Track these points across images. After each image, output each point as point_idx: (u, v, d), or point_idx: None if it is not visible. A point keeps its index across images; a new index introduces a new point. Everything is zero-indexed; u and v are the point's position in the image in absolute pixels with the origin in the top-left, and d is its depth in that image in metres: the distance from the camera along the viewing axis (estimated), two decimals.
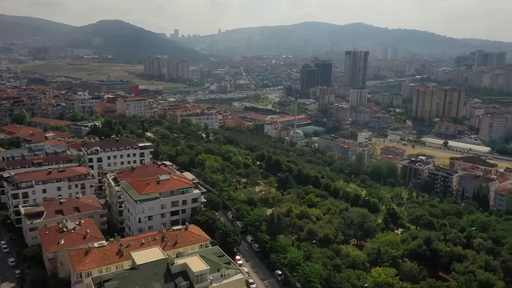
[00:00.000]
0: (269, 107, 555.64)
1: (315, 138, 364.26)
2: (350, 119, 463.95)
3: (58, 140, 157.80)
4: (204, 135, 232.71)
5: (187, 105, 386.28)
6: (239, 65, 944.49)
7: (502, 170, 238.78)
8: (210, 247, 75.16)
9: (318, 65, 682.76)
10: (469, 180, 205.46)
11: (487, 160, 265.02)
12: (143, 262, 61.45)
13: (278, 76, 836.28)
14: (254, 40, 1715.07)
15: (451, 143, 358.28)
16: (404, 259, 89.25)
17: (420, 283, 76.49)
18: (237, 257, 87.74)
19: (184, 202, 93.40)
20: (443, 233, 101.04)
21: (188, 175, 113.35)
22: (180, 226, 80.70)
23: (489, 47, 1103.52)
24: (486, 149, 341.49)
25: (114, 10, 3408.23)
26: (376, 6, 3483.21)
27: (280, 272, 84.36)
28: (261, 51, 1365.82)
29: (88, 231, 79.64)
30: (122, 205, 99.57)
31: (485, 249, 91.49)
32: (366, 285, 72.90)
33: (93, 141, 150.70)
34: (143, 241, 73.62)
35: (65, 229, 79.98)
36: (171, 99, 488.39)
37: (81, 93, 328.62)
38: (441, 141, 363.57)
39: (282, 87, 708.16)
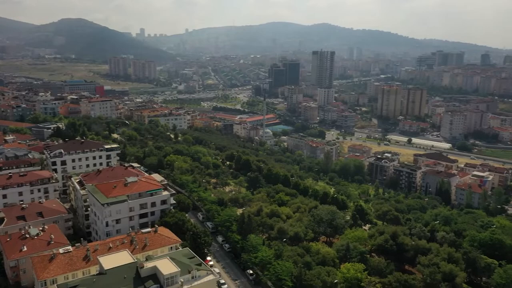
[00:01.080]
0: (238, 107, 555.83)
1: (284, 137, 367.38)
2: (318, 118, 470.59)
3: (19, 143, 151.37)
4: (172, 136, 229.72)
5: (155, 105, 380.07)
6: (207, 65, 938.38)
7: (462, 166, 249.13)
8: (180, 249, 74.31)
9: (286, 64, 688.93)
10: (432, 176, 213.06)
11: (448, 156, 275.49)
12: (111, 267, 59.96)
13: (247, 76, 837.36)
14: (222, 40, 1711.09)
15: (414, 140, 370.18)
16: (372, 254, 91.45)
17: (387, 277, 78.56)
18: (208, 258, 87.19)
19: (153, 204, 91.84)
20: (408, 227, 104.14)
21: (157, 176, 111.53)
22: (149, 229, 79.31)
23: (448, 48, 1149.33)
24: (447, 145, 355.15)
25: (76, 8, 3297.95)
26: (341, 7, 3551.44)
27: (251, 272, 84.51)
28: (229, 51, 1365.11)
29: (53, 237, 76.82)
30: (88, 209, 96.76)
31: (448, 242, 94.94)
32: (336, 281, 74.19)
33: (57, 143, 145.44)
34: (111, 245, 71.84)
35: (27, 236, 76.81)
36: (138, 100, 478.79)
37: (43, 94, 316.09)
38: (405, 139, 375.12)
39: (251, 87, 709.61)
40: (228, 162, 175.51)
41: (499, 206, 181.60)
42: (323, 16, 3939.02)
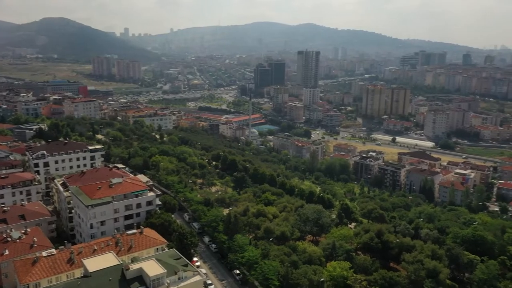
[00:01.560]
0: (224, 107, 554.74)
1: (270, 137, 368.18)
2: (303, 117, 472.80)
3: (0, 144, 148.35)
4: (158, 136, 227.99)
5: (140, 106, 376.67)
6: (192, 64, 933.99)
7: (445, 164, 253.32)
8: (167, 250, 73.80)
9: (271, 64, 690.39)
10: (415, 174, 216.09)
11: (431, 155, 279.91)
12: (96, 269, 59.21)
13: (232, 76, 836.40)
14: (208, 40, 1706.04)
15: (398, 139, 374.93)
16: (358, 252, 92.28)
17: (373, 274, 79.42)
18: (195, 258, 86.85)
19: (138, 206, 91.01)
20: (393, 225, 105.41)
21: (142, 177, 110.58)
22: (134, 230, 78.53)
23: (431, 48, 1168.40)
24: (430, 144, 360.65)
25: (58, 7, 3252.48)
26: (326, 8, 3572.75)
27: (238, 272, 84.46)
28: (214, 50, 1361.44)
29: (35, 240, 75.44)
30: (72, 211, 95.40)
31: (432, 239, 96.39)
32: (322, 279, 74.66)
33: (39, 144, 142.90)
34: (96, 248, 70.94)
35: (9, 239, 75.23)
36: (122, 100, 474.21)
37: (25, 94, 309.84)
38: (389, 137, 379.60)
39: (236, 86, 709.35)
40: (214, 162, 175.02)
41: (480, 203, 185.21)
42: (308, 16, 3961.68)
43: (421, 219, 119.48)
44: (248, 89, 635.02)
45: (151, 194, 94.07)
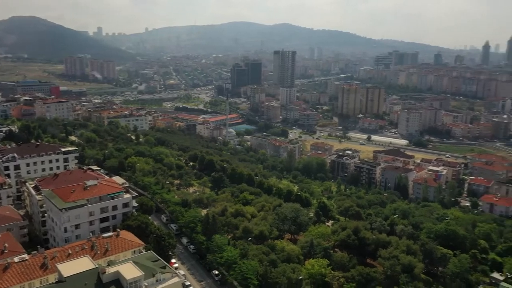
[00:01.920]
0: (201, 107, 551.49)
1: (248, 136, 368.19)
2: (280, 117, 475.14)
3: None
4: (133, 137, 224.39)
5: (114, 106, 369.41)
6: (168, 64, 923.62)
7: (418, 161, 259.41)
8: (144, 252, 72.85)
9: (248, 64, 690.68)
10: (390, 172, 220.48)
11: (405, 152, 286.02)
12: (71, 274, 57.83)
13: (209, 76, 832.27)
14: (183, 39, 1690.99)
15: (374, 137, 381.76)
16: (335, 249, 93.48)
17: (350, 271, 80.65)
18: (173, 260, 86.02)
19: (114, 208, 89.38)
20: (369, 222, 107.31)
21: (118, 179, 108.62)
22: (110, 233, 77.14)
23: (403, 48, 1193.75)
24: (404, 142, 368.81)
25: (28, 6, 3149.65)
26: (301, 8, 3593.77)
27: (217, 272, 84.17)
28: (190, 50, 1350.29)
29: (6, 245, 73.04)
30: (45, 215, 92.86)
31: (406, 235, 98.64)
32: (301, 277, 75.26)
33: (9, 147, 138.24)
34: (70, 252, 69.30)
35: None
36: (96, 101, 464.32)
37: None
38: (365, 136, 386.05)
39: (213, 86, 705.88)
40: (191, 163, 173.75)
41: (452, 199, 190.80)
42: (284, 16, 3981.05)
43: (396, 215, 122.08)
44: (225, 89, 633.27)
45: (127, 196, 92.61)
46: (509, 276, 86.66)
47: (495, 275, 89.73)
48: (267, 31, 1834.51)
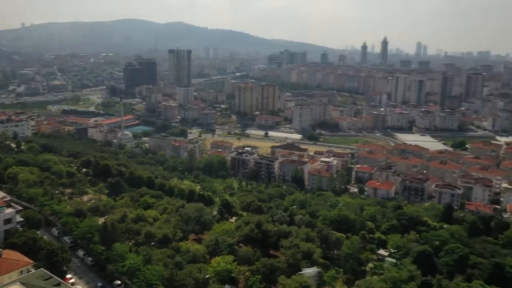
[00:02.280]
0: (92, 109, 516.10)
1: (145, 138, 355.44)
2: (178, 117, 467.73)
3: None
4: (14, 145, 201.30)
5: None
6: (52, 64, 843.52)
7: (312, 154, 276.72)
8: (33, 271, 65.99)
9: (142, 63, 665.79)
10: (287, 165, 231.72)
11: (300, 146, 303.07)
12: None
13: (99, 76, 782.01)
14: (68, 37, 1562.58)
15: (271, 133, 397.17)
16: (240, 244, 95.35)
17: (255, 264, 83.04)
18: (68, 275, 79.33)
19: None
20: (270, 215, 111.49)
21: None
22: None
23: (293, 47, 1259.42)
24: (298, 136, 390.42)
25: None
26: (194, 6, 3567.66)
27: (119, 282, 79.90)
28: (77, 48, 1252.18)
29: None
30: None
31: (305, 223, 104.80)
32: (207, 276, 75.30)
33: None
34: None
35: None
36: None
37: None
38: (262, 132, 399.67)
39: (105, 87, 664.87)
40: (84, 169, 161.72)
41: (343, 187, 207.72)
42: (178, 14, 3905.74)
43: (295, 206, 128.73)
44: (118, 89, 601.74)
45: (9, 210, 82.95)
46: (392, 251, 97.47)
47: (381, 251, 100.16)
48: (160, 30, 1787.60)
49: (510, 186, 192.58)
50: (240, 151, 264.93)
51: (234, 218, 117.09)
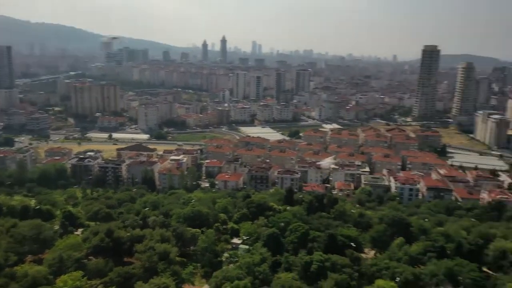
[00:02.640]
0: None
1: None
2: (1, 123, 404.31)
3: None
4: None
5: None
6: None
7: (161, 153, 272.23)
8: None
9: None
10: (136, 167, 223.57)
11: (148, 146, 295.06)
12: None
13: None
14: None
15: (115, 135, 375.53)
16: (90, 257, 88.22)
17: (108, 275, 77.93)
18: None
19: None
20: (122, 220, 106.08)
21: None
22: None
23: (133, 44, 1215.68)
24: (145, 136, 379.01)
25: None
26: None
27: None
28: None
29: None
30: None
31: (159, 224, 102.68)
32: None
33: None
34: None
35: None
36: None
37: None
38: (106, 135, 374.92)
39: None
40: None
41: (194, 183, 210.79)
42: None
43: (147, 208, 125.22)
44: None
45: None
46: (245, 238, 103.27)
47: (235, 240, 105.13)
48: None
49: (336, 167, 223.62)
50: (81, 156, 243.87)
51: (80, 230, 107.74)
